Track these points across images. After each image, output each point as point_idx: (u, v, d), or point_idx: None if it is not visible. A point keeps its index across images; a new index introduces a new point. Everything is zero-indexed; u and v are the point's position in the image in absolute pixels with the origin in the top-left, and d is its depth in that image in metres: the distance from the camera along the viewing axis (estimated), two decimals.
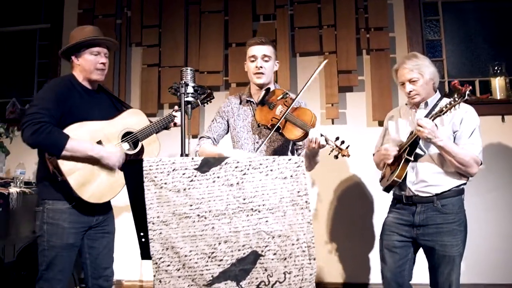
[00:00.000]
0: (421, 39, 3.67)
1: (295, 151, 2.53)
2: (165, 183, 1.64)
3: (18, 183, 3.19)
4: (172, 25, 3.93)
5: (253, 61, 2.42)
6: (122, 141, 2.35)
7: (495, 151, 3.41)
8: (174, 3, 3.94)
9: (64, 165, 2.15)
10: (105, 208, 2.42)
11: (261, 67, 2.39)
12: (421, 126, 2.17)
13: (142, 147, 2.40)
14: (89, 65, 2.32)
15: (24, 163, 3.43)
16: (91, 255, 2.39)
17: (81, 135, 2.21)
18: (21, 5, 4.50)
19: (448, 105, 2.12)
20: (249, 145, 2.44)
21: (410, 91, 2.37)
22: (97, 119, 2.32)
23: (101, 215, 2.39)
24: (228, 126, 2.55)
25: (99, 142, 2.27)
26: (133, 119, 2.43)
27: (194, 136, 3.54)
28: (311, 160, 2.33)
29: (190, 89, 2.02)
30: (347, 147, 2.11)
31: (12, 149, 3.55)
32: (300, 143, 2.44)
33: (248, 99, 2.50)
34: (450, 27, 3.86)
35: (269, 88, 2.42)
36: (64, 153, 2.12)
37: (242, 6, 3.85)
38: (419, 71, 2.33)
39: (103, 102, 2.47)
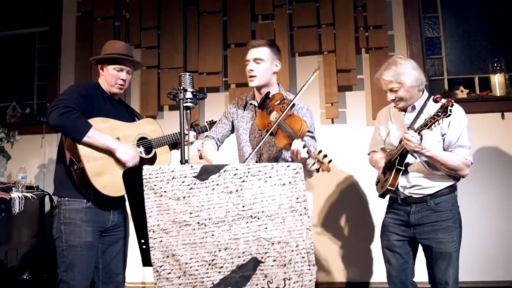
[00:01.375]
0: (420, 37, 3.66)
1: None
2: (165, 191, 1.65)
3: (20, 187, 3.20)
4: (171, 26, 3.92)
5: (247, 64, 2.43)
6: (137, 144, 2.45)
7: (494, 149, 3.41)
8: (172, 4, 3.94)
9: (82, 150, 2.23)
10: (120, 210, 2.47)
11: (251, 70, 2.38)
12: (408, 140, 2.19)
13: (155, 154, 2.50)
14: (110, 79, 2.47)
15: (25, 167, 3.45)
16: (104, 259, 2.44)
17: (103, 129, 2.30)
18: (19, 9, 4.50)
19: (432, 120, 2.11)
20: (250, 148, 2.45)
21: (393, 99, 2.37)
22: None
23: (116, 216, 2.44)
24: (233, 127, 2.57)
25: (117, 139, 2.36)
26: (149, 127, 2.57)
27: None
28: (304, 170, 2.25)
29: (189, 95, 2.04)
30: (329, 162, 1.99)
31: (13, 154, 3.56)
32: None
33: (251, 102, 2.51)
34: (449, 24, 3.85)
35: (269, 92, 2.38)
36: (85, 139, 2.20)
37: (240, 6, 3.84)
38: (397, 81, 2.29)
39: (123, 111, 2.60)
